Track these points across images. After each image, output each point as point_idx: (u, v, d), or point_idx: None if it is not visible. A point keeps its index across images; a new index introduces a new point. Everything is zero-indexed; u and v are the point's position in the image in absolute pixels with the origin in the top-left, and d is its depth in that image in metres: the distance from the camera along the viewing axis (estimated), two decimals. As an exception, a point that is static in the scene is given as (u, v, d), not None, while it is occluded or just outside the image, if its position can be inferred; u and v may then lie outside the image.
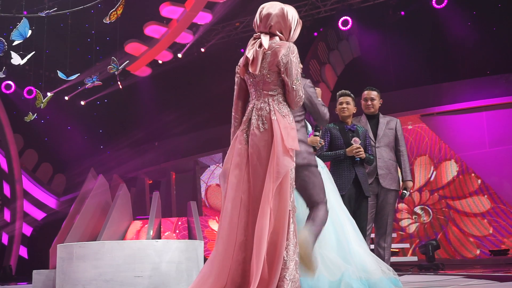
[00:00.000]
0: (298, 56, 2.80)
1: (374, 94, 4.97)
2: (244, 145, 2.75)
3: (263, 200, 2.58)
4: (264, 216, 2.55)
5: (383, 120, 5.00)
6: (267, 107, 2.74)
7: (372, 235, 5.06)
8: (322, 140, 4.02)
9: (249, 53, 2.77)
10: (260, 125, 2.72)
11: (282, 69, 2.73)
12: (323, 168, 3.92)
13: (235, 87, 2.94)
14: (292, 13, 2.89)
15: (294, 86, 2.74)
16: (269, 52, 2.75)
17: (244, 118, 2.81)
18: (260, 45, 2.76)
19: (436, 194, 10.79)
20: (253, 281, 2.46)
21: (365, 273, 3.32)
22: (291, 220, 2.63)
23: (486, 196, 10.34)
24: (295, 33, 2.92)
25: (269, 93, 2.77)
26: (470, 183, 10.53)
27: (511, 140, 10.15)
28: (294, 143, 2.66)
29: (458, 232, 10.52)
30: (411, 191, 10.72)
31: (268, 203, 2.56)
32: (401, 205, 11.03)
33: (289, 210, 2.63)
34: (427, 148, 10.93)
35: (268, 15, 2.83)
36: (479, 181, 10.40)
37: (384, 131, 4.93)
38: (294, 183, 2.73)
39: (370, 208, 4.76)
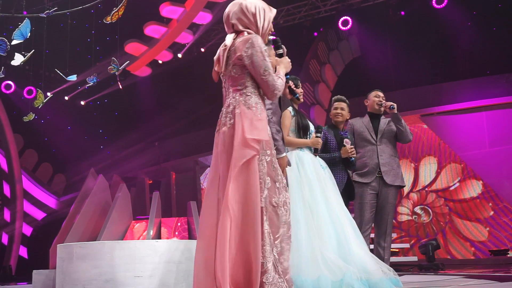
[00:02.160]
0: (263, 46, 2.66)
1: (382, 95, 5.10)
2: (216, 145, 2.69)
3: (225, 197, 2.45)
4: (226, 215, 2.42)
5: (384, 120, 5.08)
6: (234, 102, 2.66)
7: (372, 235, 5.08)
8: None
9: (216, 54, 2.74)
10: (228, 121, 2.65)
11: (246, 63, 2.63)
12: (324, 168, 3.93)
13: (223, 92, 2.86)
14: (253, 4, 2.76)
15: (263, 77, 2.64)
16: (233, 48, 2.68)
17: (218, 119, 2.75)
18: (225, 45, 2.71)
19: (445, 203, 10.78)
20: (221, 284, 2.36)
21: (366, 273, 3.33)
22: (265, 218, 2.48)
23: (488, 228, 10.28)
24: (265, 23, 2.78)
25: (237, 88, 2.69)
26: (483, 208, 10.49)
27: (511, 140, 10.14)
28: (261, 133, 2.56)
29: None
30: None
31: (228, 200, 2.43)
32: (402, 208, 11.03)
33: (262, 207, 2.48)
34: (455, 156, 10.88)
35: (228, 14, 2.78)
36: (492, 213, 10.32)
37: (385, 128, 4.99)
38: (284, 181, 2.62)
39: (370, 208, 4.79)
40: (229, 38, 2.70)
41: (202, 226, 2.61)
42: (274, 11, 2.84)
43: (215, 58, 2.74)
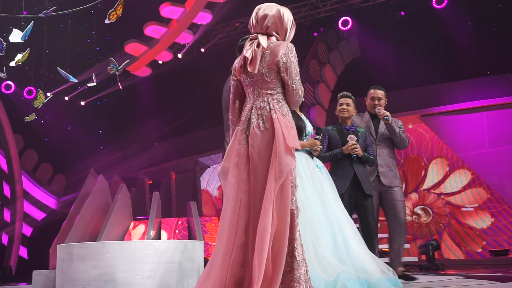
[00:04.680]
0: (296, 55, 2.81)
1: (381, 93, 5.02)
2: (243, 145, 2.74)
3: (266, 200, 2.57)
4: (267, 216, 2.54)
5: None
6: (267, 106, 2.74)
7: (380, 235, 5.04)
8: (321, 146, 3.99)
9: (247, 52, 2.77)
10: (261, 124, 2.72)
11: (281, 68, 2.74)
12: (321, 169, 3.92)
13: (231, 89, 2.92)
14: (287, 14, 2.91)
15: (293, 86, 2.75)
16: (267, 51, 2.76)
17: (243, 118, 2.80)
18: (259, 45, 2.76)
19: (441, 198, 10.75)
20: (256, 280, 2.46)
21: (365, 273, 3.32)
22: (297, 221, 2.64)
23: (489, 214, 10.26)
24: (291, 34, 2.94)
25: (268, 92, 2.77)
26: (478, 195, 10.43)
27: (511, 140, 10.14)
28: (295, 142, 2.67)
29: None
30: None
31: (270, 202, 2.56)
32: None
33: (293, 209, 2.63)
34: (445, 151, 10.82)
35: (265, 16, 2.85)
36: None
37: (384, 129, 4.95)
38: (296, 182, 2.73)
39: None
40: (263, 40, 2.78)
41: (222, 223, 2.68)
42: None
43: (247, 55, 2.77)
